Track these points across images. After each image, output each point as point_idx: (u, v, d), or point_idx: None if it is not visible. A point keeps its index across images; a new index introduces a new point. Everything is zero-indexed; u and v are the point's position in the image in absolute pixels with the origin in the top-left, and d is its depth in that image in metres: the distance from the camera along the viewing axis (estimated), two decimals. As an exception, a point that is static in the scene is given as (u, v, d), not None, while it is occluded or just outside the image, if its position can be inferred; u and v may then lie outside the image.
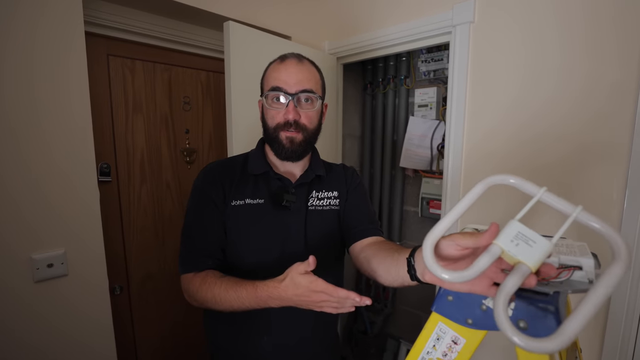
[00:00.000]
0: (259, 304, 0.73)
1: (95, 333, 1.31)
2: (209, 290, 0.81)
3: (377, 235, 0.94)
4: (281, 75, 0.87)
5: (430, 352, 0.57)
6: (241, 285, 0.76)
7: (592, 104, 1.19)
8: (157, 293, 1.73)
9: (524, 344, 0.38)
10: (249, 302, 0.74)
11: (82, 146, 1.21)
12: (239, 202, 0.90)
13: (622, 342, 1.17)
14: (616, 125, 1.14)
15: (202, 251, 0.89)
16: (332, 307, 0.66)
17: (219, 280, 0.81)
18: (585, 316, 0.36)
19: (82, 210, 1.23)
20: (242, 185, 0.92)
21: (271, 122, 0.90)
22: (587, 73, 1.19)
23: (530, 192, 0.45)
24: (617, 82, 1.14)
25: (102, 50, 1.44)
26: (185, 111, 1.76)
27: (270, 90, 0.88)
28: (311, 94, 0.88)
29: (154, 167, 1.68)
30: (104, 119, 1.48)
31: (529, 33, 1.30)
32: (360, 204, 1.01)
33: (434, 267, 0.46)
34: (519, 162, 1.36)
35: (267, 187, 0.93)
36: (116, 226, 1.57)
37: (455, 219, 0.49)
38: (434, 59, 2.09)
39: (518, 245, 0.42)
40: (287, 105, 0.87)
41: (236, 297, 0.76)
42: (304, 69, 0.89)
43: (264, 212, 0.91)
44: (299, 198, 0.93)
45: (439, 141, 2.09)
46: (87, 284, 1.27)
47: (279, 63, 0.90)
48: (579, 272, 0.53)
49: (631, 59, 1.11)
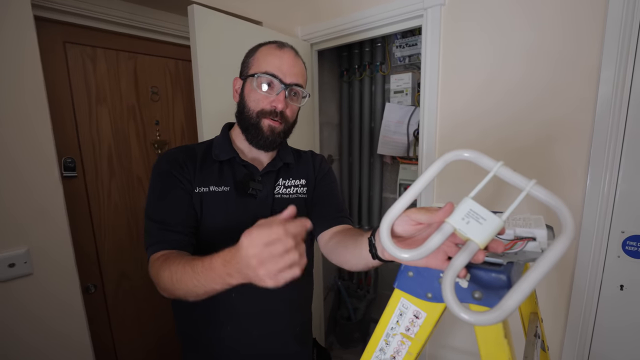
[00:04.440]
0: (215, 279, 0.60)
1: (69, 331, 1.27)
2: (167, 268, 0.69)
3: (345, 224, 0.93)
4: (279, 62, 0.85)
5: (394, 328, 0.58)
6: (199, 258, 0.64)
7: (557, 84, 1.20)
8: (135, 291, 1.69)
9: (468, 317, 0.40)
10: (205, 277, 0.61)
11: (40, 140, 1.15)
12: (203, 189, 0.86)
13: (585, 313, 1.22)
14: (579, 105, 1.17)
15: (172, 227, 0.81)
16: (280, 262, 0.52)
17: (181, 258, 0.70)
18: (525, 290, 0.38)
19: (44, 207, 1.17)
20: (206, 172, 0.88)
21: (254, 106, 0.87)
22: (553, 53, 1.20)
23: (486, 167, 0.45)
24: (580, 62, 1.15)
25: (58, 38, 1.36)
26: (154, 102, 1.69)
27: (264, 74, 0.85)
28: (301, 89, 0.89)
29: (123, 161, 1.61)
30: (64, 112, 1.41)
31: (498, 14, 1.30)
32: (328, 192, 1.00)
33: (390, 247, 0.48)
34: (492, 144, 1.37)
35: (232, 174, 0.90)
36: (86, 223, 1.51)
37: (411, 199, 0.49)
38: (409, 44, 2.09)
39: (469, 223, 0.44)
40: (277, 94, 0.85)
41: (192, 273, 0.63)
42: (299, 63, 0.90)
43: (229, 200, 0.88)
44: (265, 186, 0.91)
45: (415, 127, 2.09)
46: (55, 282, 1.22)
47: (276, 49, 0.88)
48: (533, 243, 0.55)
49: (594, 40, 1.12)
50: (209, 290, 0.62)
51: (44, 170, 1.16)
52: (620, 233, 1.15)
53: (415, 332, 0.56)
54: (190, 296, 0.66)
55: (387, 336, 0.58)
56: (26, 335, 1.17)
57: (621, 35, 1.06)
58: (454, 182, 1.48)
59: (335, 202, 0.98)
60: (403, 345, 0.57)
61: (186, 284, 0.64)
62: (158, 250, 0.78)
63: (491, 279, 0.49)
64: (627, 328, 1.16)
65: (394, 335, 0.58)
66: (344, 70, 2.45)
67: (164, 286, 0.70)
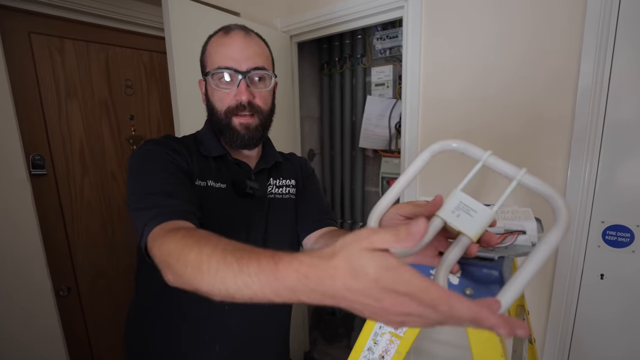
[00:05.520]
0: (277, 292, 0.37)
1: (41, 336, 1.23)
2: (195, 247, 0.47)
3: (330, 226, 0.91)
4: (228, 51, 0.76)
5: (383, 327, 0.58)
6: (250, 252, 0.41)
7: (539, 77, 1.21)
8: (112, 291, 1.64)
9: None
10: (260, 285, 0.38)
11: (4, 137, 1.09)
12: (202, 182, 0.79)
13: (567, 301, 1.24)
14: (560, 97, 1.18)
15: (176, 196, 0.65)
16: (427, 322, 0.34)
17: (212, 238, 0.49)
18: (521, 285, 0.36)
19: (10, 206, 1.12)
20: (203, 165, 0.81)
21: (220, 106, 0.80)
22: (534, 46, 1.21)
23: (475, 157, 0.44)
24: (560, 54, 1.16)
25: (22, 27, 1.28)
26: (128, 95, 1.63)
27: (217, 69, 0.77)
28: (264, 71, 0.79)
29: (96, 158, 1.55)
30: (31, 106, 1.34)
31: (480, 4, 1.29)
32: (313, 194, 0.97)
33: None
34: (476, 136, 1.37)
35: (227, 171, 0.85)
36: (57, 222, 1.45)
37: (398, 192, 0.47)
38: (389, 36, 2.08)
39: (459, 216, 0.42)
40: (237, 85, 0.78)
41: (237, 269, 0.40)
42: (252, 42, 0.79)
43: (228, 198, 0.82)
44: (259, 185, 0.87)
45: (396, 120, 2.09)
46: (25, 284, 1.17)
47: (222, 36, 0.79)
48: (523, 236, 0.54)
49: (574, 32, 1.13)
50: (261, 299, 0.39)
51: (10, 169, 1.11)
52: (600, 223, 1.17)
53: (404, 330, 0.55)
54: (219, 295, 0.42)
55: (376, 335, 0.57)
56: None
57: (600, 27, 1.07)
58: (437, 175, 1.49)
59: (320, 204, 0.96)
60: (392, 344, 0.56)
61: (224, 279, 0.42)
62: (162, 222, 0.58)
63: (483, 274, 0.48)
64: (606, 316, 1.19)
65: (382, 334, 0.57)
66: (324, 62, 2.42)
67: (184, 269, 0.47)
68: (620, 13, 1.05)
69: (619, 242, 1.14)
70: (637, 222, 1.11)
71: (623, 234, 1.14)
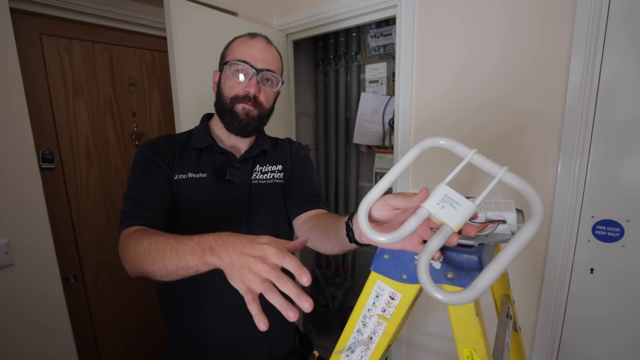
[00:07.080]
0: (193, 248, 0.57)
1: (51, 321, 1.29)
2: (147, 239, 0.67)
3: (320, 208, 0.97)
4: (250, 50, 0.89)
5: (371, 310, 0.59)
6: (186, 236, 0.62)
7: (529, 73, 1.24)
8: (115, 281, 1.71)
9: (441, 297, 0.42)
10: (192, 246, 0.58)
11: (19, 132, 1.15)
12: (181, 176, 0.89)
13: (557, 294, 1.26)
14: (551, 94, 1.21)
15: (146, 205, 0.83)
16: (259, 280, 0.52)
17: (164, 233, 0.68)
18: (496, 271, 0.40)
19: (24, 198, 1.18)
20: (185, 159, 0.91)
21: (229, 92, 0.90)
22: (526, 43, 1.23)
23: (461, 154, 0.47)
24: (551, 52, 1.19)
25: (34, 29, 1.36)
26: (131, 93, 1.70)
27: (237, 61, 0.88)
28: (274, 74, 0.92)
29: (100, 153, 1.62)
30: (42, 103, 1.41)
31: (472, 3, 1.32)
32: (304, 177, 1.03)
33: (367, 230, 0.49)
34: (467, 133, 1.40)
35: (210, 161, 0.93)
36: (65, 214, 1.52)
37: (388, 184, 0.51)
38: (383, 33, 2.14)
39: (443, 207, 0.46)
40: (249, 79, 0.89)
41: (175, 243, 0.61)
42: (271, 50, 0.92)
43: (206, 185, 0.91)
44: (242, 172, 0.94)
45: (390, 116, 2.15)
46: (36, 272, 1.24)
47: (248, 38, 0.91)
48: (503, 226, 0.57)
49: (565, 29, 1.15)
50: (182, 265, 0.59)
51: (24, 162, 1.17)
52: (591, 218, 1.17)
53: (391, 312, 0.58)
54: (159, 272, 0.63)
55: (364, 317, 0.60)
56: (7, 326, 1.18)
57: (590, 24, 1.09)
58: (429, 169, 1.52)
59: (310, 186, 1.02)
60: (379, 325, 0.59)
61: (162, 255, 0.61)
62: (131, 225, 0.79)
63: (463, 260, 0.51)
64: (596, 309, 1.21)
65: (371, 316, 0.59)
66: (319, 60, 2.47)
67: (135, 258, 0.68)
68: (610, 10, 1.06)
69: (608, 236, 1.15)
70: (627, 217, 1.11)
71: (613, 228, 1.14)
